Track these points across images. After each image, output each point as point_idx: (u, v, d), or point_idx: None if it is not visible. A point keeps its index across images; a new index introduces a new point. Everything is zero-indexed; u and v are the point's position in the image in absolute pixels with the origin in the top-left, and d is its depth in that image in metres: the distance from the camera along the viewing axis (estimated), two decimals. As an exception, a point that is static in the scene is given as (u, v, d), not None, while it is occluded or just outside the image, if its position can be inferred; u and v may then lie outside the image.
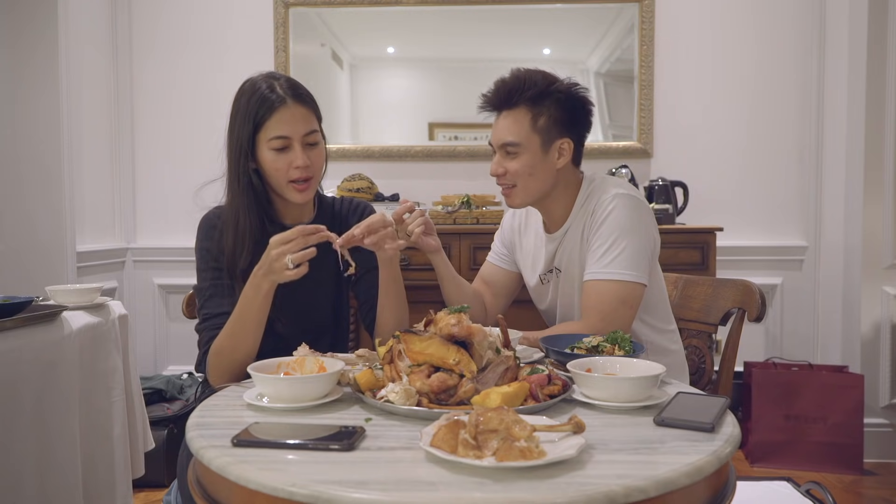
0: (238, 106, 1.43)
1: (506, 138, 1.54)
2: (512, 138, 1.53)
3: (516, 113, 1.53)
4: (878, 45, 2.82)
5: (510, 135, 1.53)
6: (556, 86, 1.53)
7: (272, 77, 1.44)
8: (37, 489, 1.46)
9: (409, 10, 3.20)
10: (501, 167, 1.56)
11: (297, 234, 1.23)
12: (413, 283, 1.89)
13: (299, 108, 1.41)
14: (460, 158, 3.22)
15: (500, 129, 1.55)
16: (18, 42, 2.68)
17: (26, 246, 2.69)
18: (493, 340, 1.11)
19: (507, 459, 0.77)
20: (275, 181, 1.43)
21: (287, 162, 1.40)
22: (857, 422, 2.70)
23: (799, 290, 3.19)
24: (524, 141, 1.52)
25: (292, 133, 1.40)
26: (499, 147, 1.56)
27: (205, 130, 3.21)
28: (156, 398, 2.71)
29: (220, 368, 1.35)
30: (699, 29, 3.17)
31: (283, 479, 0.77)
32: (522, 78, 1.53)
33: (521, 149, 1.53)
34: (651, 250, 1.54)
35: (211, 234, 1.46)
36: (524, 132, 1.52)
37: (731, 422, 0.97)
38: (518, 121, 1.53)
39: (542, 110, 1.52)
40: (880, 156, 2.83)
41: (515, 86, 1.53)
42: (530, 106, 1.52)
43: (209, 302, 1.42)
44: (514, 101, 1.53)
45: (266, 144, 1.40)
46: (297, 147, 1.41)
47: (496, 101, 1.56)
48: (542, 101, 1.52)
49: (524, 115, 1.53)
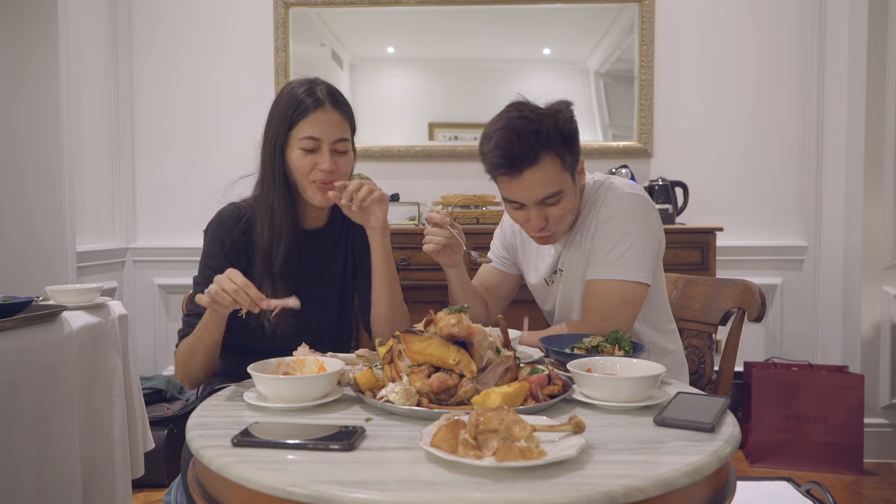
0: (277, 105, 1.47)
1: (547, 191, 1.43)
2: (553, 189, 1.44)
3: (544, 165, 1.41)
4: (878, 45, 2.82)
5: (550, 186, 1.43)
6: (557, 119, 1.43)
7: (314, 82, 1.47)
8: (36, 489, 1.46)
9: (409, 10, 3.20)
10: (543, 220, 1.47)
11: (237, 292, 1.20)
12: (413, 283, 1.91)
13: (335, 115, 1.44)
14: (460, 158, 3.22)
15: (533, 187, 1.43)
16: (18, 42, 2.67)
17: (26, 246, 2.69)
18: (493, 340, 1.11)
19: (507, 459, 0.77)
20: (298, 180, 1.45)
21: (313, 163, 1.43)
22: (857, 422, 2.70)
23: (799, 290, 3.19)
24: (564, 186, 1.45)
25: (323, 136, 1.42)
26: (536, 203, 1.45)
27: (205, 130, 3.21)
28: (156, 398, 2.71)
29: (181, 370, 1.40)
30: (699, 29, 3.17)
31: (283, 479, 0.77)
32: (532, 131, 1.40)
33: (563, 194, 1.45)
34: (656, 250, 1.54)
35: (219, 230, 1.47)
36: (560, 178, 1.44)
37: (731, 422, 0.97)
38: (550, 172, 1.42)
39: (561, 149, 1.43)
40: (880, 156, 2.83)
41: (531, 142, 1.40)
42: (553, 151, 1.42)
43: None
44: (537, 154, 1.41)
45: (297, 143, 1.43)
46: (325, 150, 1.43)
47: (519, 164, 1.41)
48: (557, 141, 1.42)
49: (552, 163, 1.42)
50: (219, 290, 1.20)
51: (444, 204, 2.93)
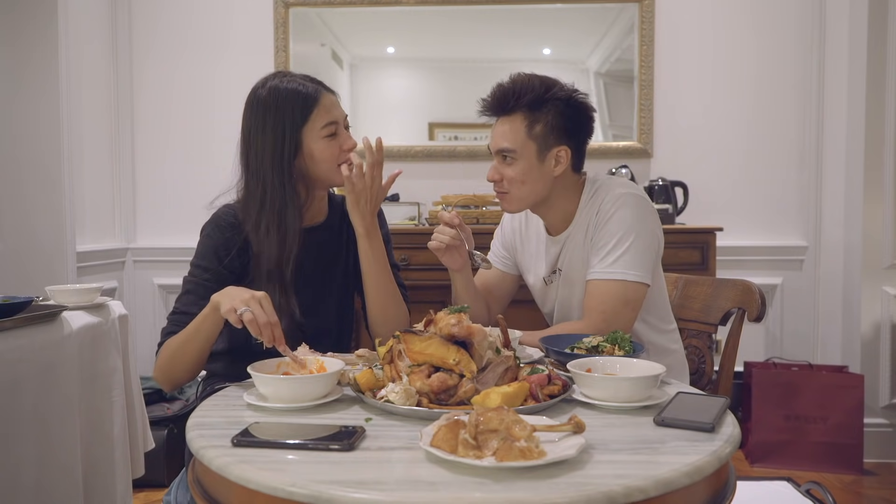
0: (267, 108, 1.42)
1: (501, 144, 1.52)
2: (507, 144, 1.51)
3: (513, 119, 1.51)
4: (878, 45, 2.82)
5: (506, 141, 1.51)
6: (554, 92, 1.50)
7: (285, 74, 1.47)
8: (36, 489, 1.46)
9: (409, 10, 3.20)
10: (498, 173, 1.54)
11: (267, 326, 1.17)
12: (413, 283, 1.90)
13: (332, 96, 1.47)
14: (460, 158, 3.22)
15: (497, 135, 1.53)
16: (18, 42, 2.67)
17: (26, 246, 2.69)
18: (493, 340, 1.11)
19: (507, 459, 0.77)
20: (325, 169, 1.44)
21: (338, 146, 1.43)
22: (857, 422, 2.70)
23: (799, 290, 3.19)
24: (519, 148, 1.50)
25: (338, 117, 1.45)
26: (496, 153, 1.54)
27: (205, 130, 3.21)
28: (156, 398, 2.71)
29: (164, 369, 1.35)
30: (699, 29, 3.17)
31: (283, 479, 0.77)
32: (520, 83, 1.50)
33: (516, 155, 1.51)
34: (656, 250, 1.54)
35: (215, 233, 1.44)
36: (520, 139, 1.50)
37: (731, 422, 0.97)
38: (514, 128, 1.50)
39: (539, 117, 1.50)
40: (880, 156, 2.83)
41: (512, 91, 1.50)
42: (527, 112, 1.50)
43: (185, 297, 1.42)
44: (511, 106, 1.50)
45: (317, 134, 1.42)
46: (342, 130, 1.45)
47: (494, 106, 1.53)
48: (539, 107, 1.50)
49: (520, 122, 1.50)
50: (252, 320, 1.16)
51: (444, 204, 2.93)
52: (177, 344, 1.33)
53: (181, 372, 1.33)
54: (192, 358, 1.31)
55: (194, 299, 1.39)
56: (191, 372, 1.34)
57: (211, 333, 1.28)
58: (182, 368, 1.33)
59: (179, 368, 1.33)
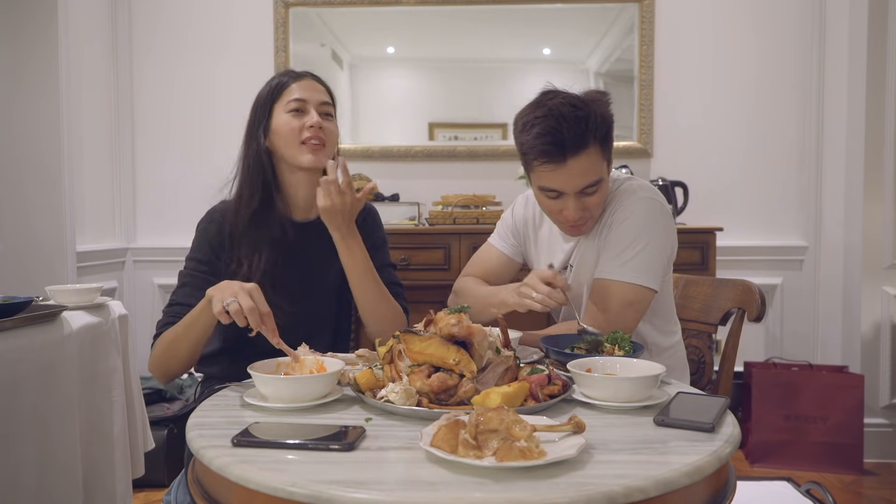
0: (256, 100, 1.51)
1: (589, 179, 1.42)
2: (595, 178, 1.43)
3: (588, 153, 1.40)
4: (878, 45, 2.82)
5: (593, 175, 1.42)
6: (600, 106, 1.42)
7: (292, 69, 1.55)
8: (36, 489, 1.46)
9: (409, 10, 3.20)
10: (580, 209, 1.45)
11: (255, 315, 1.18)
12: (413, 283, 1.91)
13: (317, 84, 1.50)
14: (460, 158, 3.22)
15: (577, 175, 1.41)
16: (18, 42, 2.67)
17: (26, 246, 2.69)
18: (493, 340, 1.11)
19: (507, 459, 0.77)
20: (287, 144, 1.45)
21: (301, 123, 1.44)
22: (857, 422, 2.70)
23: (799, 290, 3.19)
24: (603, 174, 1.45)
25: (309, 98, 1.46)
26: (577, 192, 1.44)
27: (205, 130, 3.21)
28: (156, 398, 2.71)
29: (160, 361, 1.36)
30: (699, 29, 3.17)
31: (283, 479, 0.77)
32: (582, 117, 1.38)
33: (601, 182, 1.45)
34: (668, 257, 1.53)
35: (209, 227, 1.48)
36: (600, 166, 1.43)
37: (731, 422, 0.97)
38: (593, 160, 1.41)
39: (604, 138, 1.43)
40: (880, 156, 2.83)
41: (581, 129, 1.38)
42: (597, 139, 1.41)
43: (181, 290, 1.44)
44: (585, 142, 1.39)
45: (283, 108, 1.45)
46: (312, 111, 1.46)
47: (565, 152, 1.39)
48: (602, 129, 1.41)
49: (596, 152, 1.41)
50: (238, 311, 1.17)
51: (444, 204, 2.93)
52: (172, 336, 1.34)
53: (176, 364, 1.35)
54: (186, 350, 1.33)
55: (190, 291, 1.41)
56: (185, 364, 1.35)
57: (206, 326, 1.29)
58: (177, 361, 1.34)
59: (174, 360, 1.35)
